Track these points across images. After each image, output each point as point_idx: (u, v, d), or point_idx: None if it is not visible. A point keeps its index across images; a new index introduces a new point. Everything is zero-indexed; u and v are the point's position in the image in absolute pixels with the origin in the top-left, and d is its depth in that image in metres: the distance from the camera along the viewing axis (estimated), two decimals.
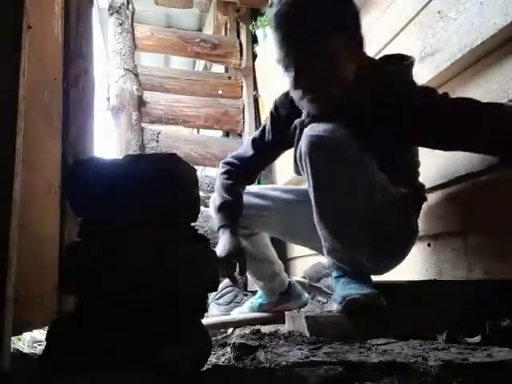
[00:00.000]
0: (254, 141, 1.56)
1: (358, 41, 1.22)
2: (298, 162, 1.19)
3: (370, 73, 1.21)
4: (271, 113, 1.50)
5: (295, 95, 1.24)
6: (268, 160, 1.64)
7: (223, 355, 1.06)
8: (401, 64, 1.23)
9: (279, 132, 1.46)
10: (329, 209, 1.16)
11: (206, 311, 0.89)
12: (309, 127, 1.14)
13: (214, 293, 2.03)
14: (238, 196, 1.50)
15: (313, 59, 1.14)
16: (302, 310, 1.48)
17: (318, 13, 1.12)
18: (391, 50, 1.69)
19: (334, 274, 1.17)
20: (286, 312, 1.35)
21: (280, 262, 1.78)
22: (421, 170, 1.55)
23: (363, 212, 1.17)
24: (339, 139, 1.11)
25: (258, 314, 1.73)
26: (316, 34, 1.12)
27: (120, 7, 3.07)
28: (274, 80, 2.88)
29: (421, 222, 1.59)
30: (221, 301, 2.06)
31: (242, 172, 1.55)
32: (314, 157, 1.11)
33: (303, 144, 1.13)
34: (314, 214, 1.18)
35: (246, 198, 1.53)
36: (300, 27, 1.12)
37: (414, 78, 1.26)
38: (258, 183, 2.61)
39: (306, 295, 1.72)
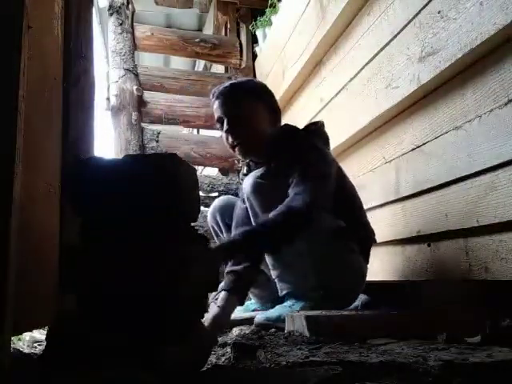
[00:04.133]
0: None
1: (271, 112, 1.63)
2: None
3: (281, 136, 1.59)
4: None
5: (228, 144, 1.62)
6: None
7: (223, 355, 1.06)
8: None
9: None
10: None
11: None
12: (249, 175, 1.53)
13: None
14: None
15: (236, 120, 1.58)
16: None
17: (240, 91, 1.61)
18: (391, 50, 1.69)
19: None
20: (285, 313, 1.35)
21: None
22: (421, 170, 1.54)
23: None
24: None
25: (254, 313, 1.72)
26: (238, 104, 1.58)
27: (120, 7, 3.07)
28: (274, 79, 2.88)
29: (421, 222, 1.59)
30: None
31: None
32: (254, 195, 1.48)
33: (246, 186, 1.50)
34: None
35: None
36: (229, 100, 1.59)
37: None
38: None
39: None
